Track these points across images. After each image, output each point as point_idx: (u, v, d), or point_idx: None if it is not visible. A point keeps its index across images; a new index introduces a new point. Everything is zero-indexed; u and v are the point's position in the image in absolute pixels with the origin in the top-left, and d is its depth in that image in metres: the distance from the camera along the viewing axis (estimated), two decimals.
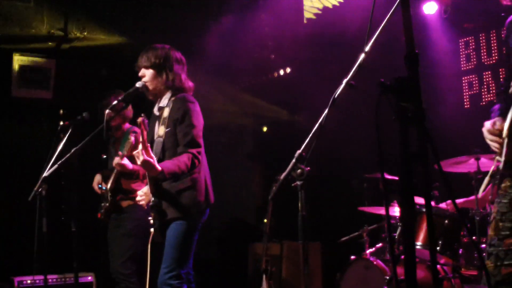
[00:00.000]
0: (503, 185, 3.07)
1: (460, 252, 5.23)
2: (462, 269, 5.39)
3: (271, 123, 9.68)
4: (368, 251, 6.05)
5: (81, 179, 5.22)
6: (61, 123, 5.08)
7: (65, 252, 5.39)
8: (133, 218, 5.68)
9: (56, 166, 4.70)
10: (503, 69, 6.95)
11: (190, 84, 4.74)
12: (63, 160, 4.71)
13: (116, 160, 5.24)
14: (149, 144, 4.18)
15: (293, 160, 2.69)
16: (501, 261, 2.93)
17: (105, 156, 5.63)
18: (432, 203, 5.64)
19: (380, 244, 6.17)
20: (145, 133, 4.15)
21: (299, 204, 2.72)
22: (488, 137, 3.08)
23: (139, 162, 4.13)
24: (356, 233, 6.37)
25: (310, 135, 2.70)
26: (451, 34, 7.49)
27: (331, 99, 2.67)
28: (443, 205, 5.62)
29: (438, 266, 5.43)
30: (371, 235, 6.33)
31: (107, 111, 4.37)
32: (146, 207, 4.61)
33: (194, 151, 4.39)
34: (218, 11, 7.69)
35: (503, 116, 3.12)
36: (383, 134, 1.88)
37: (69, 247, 4.94)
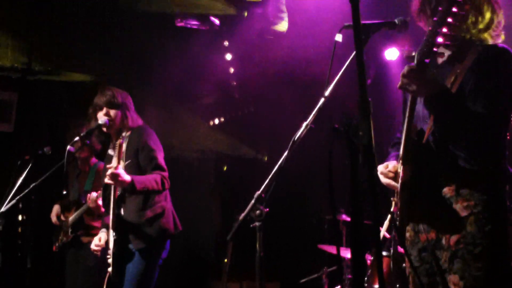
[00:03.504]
0: (408, 234, 2.99)
1: None
2: None
3: (233, 160, 9.71)
4: None
5: (38, 214, 5.14)
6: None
7: None
8: (94, 254, 5.51)
9: (14, 201, 4.65)
10: None
11: (139, 121, 4.83)
12: (21, 195, 4.66)
13: (93, 196, 5.21)
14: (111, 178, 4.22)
15: (252, 201, 2.71)
16: None
17: (65, 192, 5.57)
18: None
19: (339, 286, 6.20)
20: (121, 155, 4.31)
21: (257, 245, 2.74)
22: (383, 180, 2.99)
23: (107, 177, 4.17)
24: (316, 275, 6.39)
25: (270, 176, 2.74)
26: None
27: (291, 142, 2.73)
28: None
29: None
30: (331, 276, 6.35)
31: (68, 147, 4.38)
32: (99, 255, 4.59)
33: (162, 173, 4.48)
34: (183, 48, 7.76)
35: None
36: (343, 176, 1.92)
37: (23, 284, 4.85)
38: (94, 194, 5.20)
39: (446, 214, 2.77)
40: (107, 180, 4.23)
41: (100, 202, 5.22)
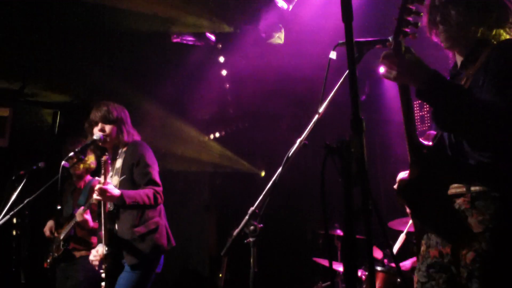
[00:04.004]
0: (422, 248, 2.86)
1: None
2: None
3: (228, 175, 9.74)
4: None
5: (33, 230, 5.14)
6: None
7: None
8: (85, 269, 5.44)
9: (8, 216, 4.65)
10: None
11: (139, 138, 4.84)
12: (15, 210, 4.67)
13: (80, 211, 5.23)
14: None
15: (246, 216, 2.73)
16: None
17: (59, 207, 5.57)
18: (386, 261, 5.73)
19: None
20: (108, 171, 4.27)
21: (251, 260, 2.75)
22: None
23: (95, 193, 4.17)
24: None
25: (264, 192, 2.76)
26: None
27: (285, 158, 2.75)
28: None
29: None
30: None
31: (62, 162, 4.39)
32: (97, 268, 4.59)
33: (156, 188, 4.47)
34: (179, 62, 7.81)
35: None
36: (338, 191, 1.94)
37: None
38: (81, 208, 5.21)
39: (460, 228, 2.58)
40: (95, 196, 4.25)
41: (87, 216, 5.23)
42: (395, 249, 3.29)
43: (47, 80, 7.61)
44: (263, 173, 9.43)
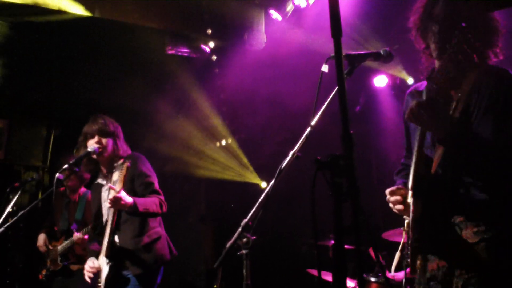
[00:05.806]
0: (418, 262, 2.90)
1: None
2: None
3: (224, 186, 9.74)
4: None
5: (27, 241, 5.13)
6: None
7: None
8: (84, 281, 5.48)
9: (2, 228, 4.65)
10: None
11: (129, 151, 4.85)
12: (10, 223, 4.66)
13: (79, 235, 5.23)
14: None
15: (239, 229, 2.73)
16: None
17: (51, 220, 5.56)
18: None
19: None
20: (125, 179, 4.32)
21: (244, 273, 2.75)
22: (390, 199, 2.99)
23: (108, 202, 4.20)
24: None
25: (257, 204, 2.75)
26: (399, 107, 7.74)
27: (278, 170, 2.74)
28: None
29: None
30: None
31: (57, 174, 4.37)
32: (90, 282, 4.58)
33: (160, 197, 4.53)
34: (174, 77, 7.83)
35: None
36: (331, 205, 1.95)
37: None
38: (77, 235, 5.21)
39: (456, 242, 2.71)
40: (108, 205, 4.24)
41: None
42: (393, 267, 3.29)
43: (43, 93, 7.62)
44: (263, 184, 9.43)
